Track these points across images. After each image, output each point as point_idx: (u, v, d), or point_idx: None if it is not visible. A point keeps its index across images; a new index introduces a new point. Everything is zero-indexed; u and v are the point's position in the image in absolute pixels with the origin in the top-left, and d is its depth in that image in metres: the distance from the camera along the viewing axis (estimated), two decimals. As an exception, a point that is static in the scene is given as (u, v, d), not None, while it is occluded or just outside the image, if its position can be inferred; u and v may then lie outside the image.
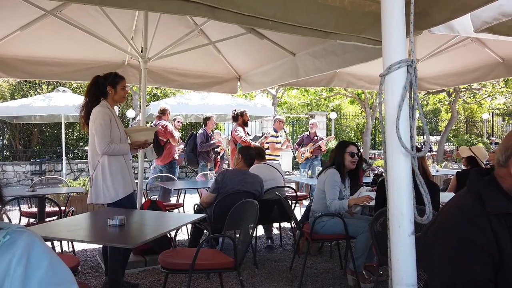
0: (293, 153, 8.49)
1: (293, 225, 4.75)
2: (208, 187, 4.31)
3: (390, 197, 1.34)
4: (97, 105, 3.27)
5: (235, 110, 6.80)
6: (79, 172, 12.23)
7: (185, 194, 5.88)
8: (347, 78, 5.60)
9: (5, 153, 13.45)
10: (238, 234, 3.27)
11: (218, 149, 7.28)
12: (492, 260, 1.20)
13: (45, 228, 2.66)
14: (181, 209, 5.52)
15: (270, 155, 6.93)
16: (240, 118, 6.67)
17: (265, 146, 6.93)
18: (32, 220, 4.51)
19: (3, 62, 4.38)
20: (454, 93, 14.69)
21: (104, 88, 3.31)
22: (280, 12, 2.02)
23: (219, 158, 7.47)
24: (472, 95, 16.85)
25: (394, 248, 1.32)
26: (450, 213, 1.33)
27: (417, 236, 1.32)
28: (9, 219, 3.93)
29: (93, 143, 3.24)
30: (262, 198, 4.11)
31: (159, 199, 5.61)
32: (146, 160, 11.54)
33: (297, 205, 5.56)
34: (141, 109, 4.66)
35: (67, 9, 3.58)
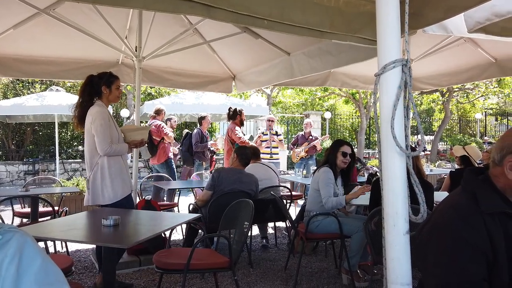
0: (288, 153, 8.50)
1: (288, 225, 4.75)
2: (203, 187, 4.30)
3: (385, 196, 1.34)
4: (94, 105, 3.22)
5: (231, 108, 6.65)
6: (73, 172, 12.15)
7: (179, 196, 5.85)
8: (342, 78, 5.60)
9: (-2, 153, 13.35)
10: (233, 234, 3.27)
11: (214, 149, 7.25)
12: (486, 259, 1.21)
13: (39, 228, 2.63)
14: (176, 209, 5.51)
15: (273, 154, 6.92)
16: (238, 117, 6.50)
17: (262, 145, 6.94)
18: (25, 220, 4.47)
19: (-4, 61, 4.33)
20: (448, 93, 14.80)
21: (99, 88, 3.27)
22: (276, 11, 2.02)
23: (215, 158, 7.43)
24: (465, 95, 17.00)
25: (389, 247, 1.33)
26: (445, 212, 1.33)
27: (412, 235, 1.33)
28: (2, 219, 3.89)
29: (91, 144, 3.18)
30: (257, 198, 4.11)
31: (152, 199, 5.58)
32: (141, 160, 11.51)
33: (292, 205, 5.56)
34: (135, 109, 4.64)
35: (61, 8, 3.54)
